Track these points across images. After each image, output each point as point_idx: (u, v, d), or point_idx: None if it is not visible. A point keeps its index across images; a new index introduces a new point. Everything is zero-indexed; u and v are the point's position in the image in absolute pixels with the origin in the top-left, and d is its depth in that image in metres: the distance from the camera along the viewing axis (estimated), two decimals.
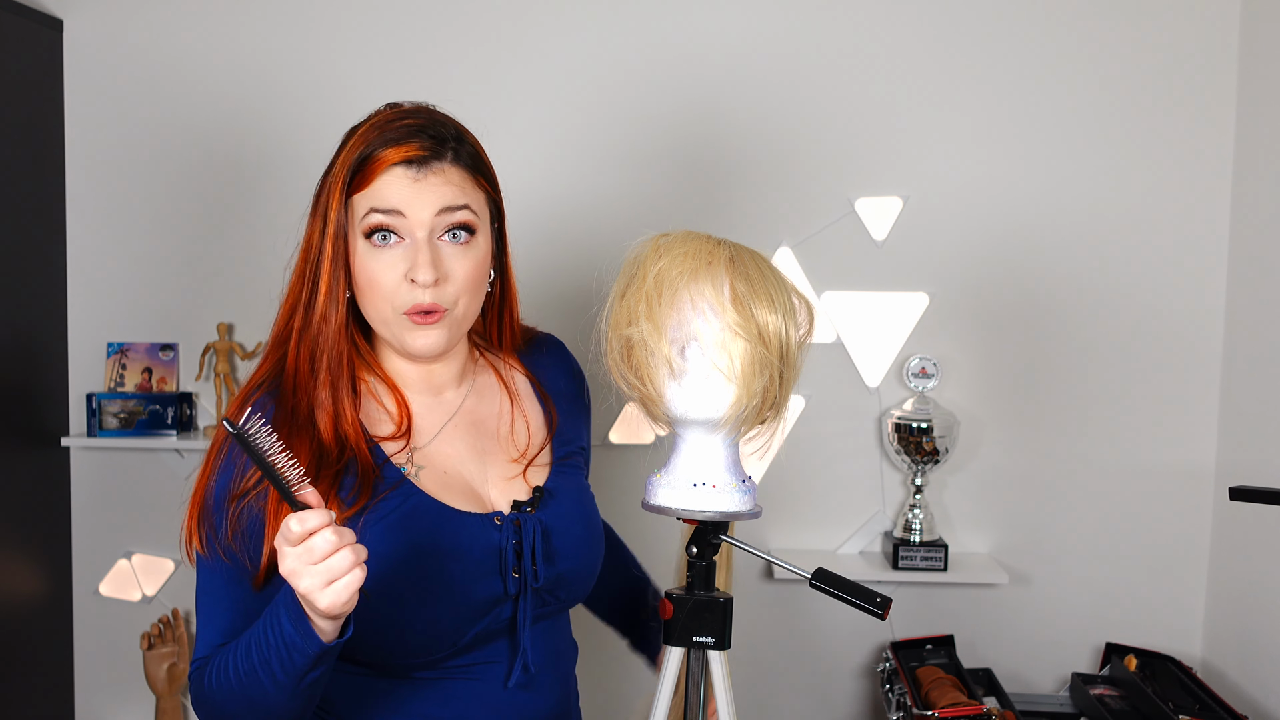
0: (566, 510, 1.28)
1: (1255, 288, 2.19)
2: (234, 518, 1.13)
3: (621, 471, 2.35)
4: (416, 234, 1.17)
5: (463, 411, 1.29)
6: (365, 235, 1.17)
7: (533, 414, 1.34)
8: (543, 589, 1.24)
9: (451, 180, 1.18)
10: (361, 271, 1.18)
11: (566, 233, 2.35)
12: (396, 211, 1.16)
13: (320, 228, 1.19)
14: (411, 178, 1.17)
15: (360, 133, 1.19)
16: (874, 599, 1.19)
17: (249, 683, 1.08)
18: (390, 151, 1.16)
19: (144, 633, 2.38)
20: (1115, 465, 2.32)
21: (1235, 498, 1.38)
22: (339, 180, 1.18)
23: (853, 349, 2.34)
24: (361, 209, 1.17)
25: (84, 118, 2.40)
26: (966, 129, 2.30)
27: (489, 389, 1.33)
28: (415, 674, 1.20)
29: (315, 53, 2.35)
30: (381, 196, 1.16)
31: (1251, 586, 2.17)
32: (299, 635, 1.04)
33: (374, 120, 1.20)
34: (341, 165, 1.18)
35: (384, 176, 1.16)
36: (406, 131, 1.17)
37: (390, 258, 1.17)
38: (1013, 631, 2.36)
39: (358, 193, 1.18)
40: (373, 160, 1.17)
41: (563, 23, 2.33)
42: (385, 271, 1.17)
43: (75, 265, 2.42)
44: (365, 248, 1.17)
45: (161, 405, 2.36)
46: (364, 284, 1.18)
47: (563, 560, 1.25)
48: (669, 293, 1.17)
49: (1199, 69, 2.26)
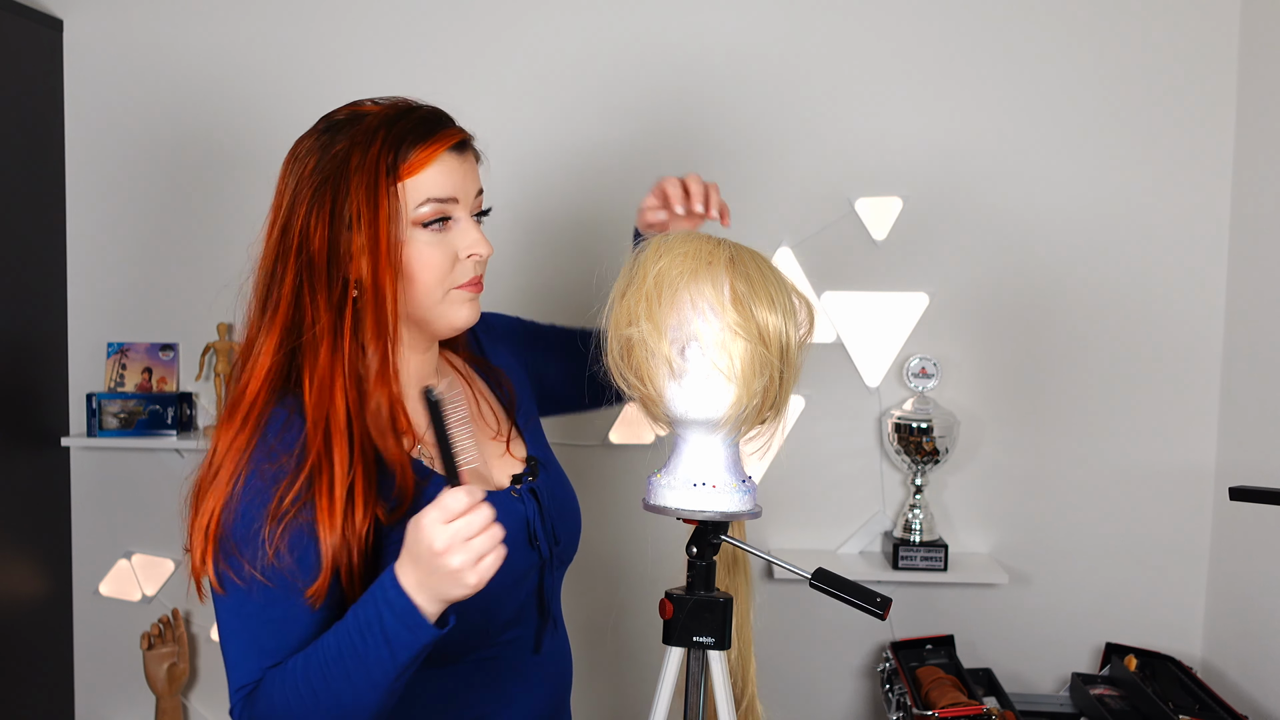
0: (555, 474, 1.35)
1: (1255, 288, 2.19)
2: (276, 538, 1.08)
3: (621, 471, 2.35)
4: (466, 215, 1.20)
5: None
6: (421, 225, 1.16)
7: (488, 393, 1.38)
8: (560, 551, 1.30)
9: (475, 162, 1.24)
10: (415, 259, 1.16)
11: (566, 233, 2.35)
12: (452, 199, 1.18)
13: (348, 228, 1.14)
14: (459, 161, 1.19)
15: (373, 128, 1.15)
16: (874, 599, 1.19)
17: (335, 689, 1.04)
18: (436, 140, 1.17)
19: (144, 633, 2.38)
20: (1115, 465, 2.33)
21: (1235, 498, 1.38)
22: (375, 176, 1.14)
23: (853, 349, 2.34)
24: (414, 199, 1.15)
25: (84, 118, 2.40)
26: (966, 129, 2.30)
27: (453, 378, 1.37)
28: (464, 658, 1.21)
29: (315, 52, 2.35)
30: (438, 185, 1.17)
31: (1251, 586, 2.17)
32: (406, 628, 1.02)
33: (380, 115, 1.17)
34: (369, 161, 1.14)
35: (435, 166, 1.17)
36: (435, 120, 1.20)
37: (443, 240, 1.18)
38: (1013, 631, 2.36)
39: (402, 182, 1.15)
40: (419, 151, 1.16)
41: (561, 20, 2.33)
42: (441, 255, 1.18)
43: (75, 265, 2.42)
44: (425, 237, 1.17)
45: (161, 405, 2.36)
46: (417, 271, 1.17)
47: (564, 520, 1.31)
48: (669, 293, 1.17)
49: (1199, 69, 2.26)
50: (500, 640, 1.23)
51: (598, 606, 2.37)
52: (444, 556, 1.00)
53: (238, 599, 1.10)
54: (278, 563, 1.09)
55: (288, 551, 1.09)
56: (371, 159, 1.14)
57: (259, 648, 1.10)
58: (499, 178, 2.33)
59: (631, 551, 2.37)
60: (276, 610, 1.10)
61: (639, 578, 2.36)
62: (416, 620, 1.03)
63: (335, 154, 1.15)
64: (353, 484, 1.11)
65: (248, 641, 1.10)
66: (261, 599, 1.09)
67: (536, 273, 2.36)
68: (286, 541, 1.09)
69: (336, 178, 1.14)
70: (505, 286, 2.36)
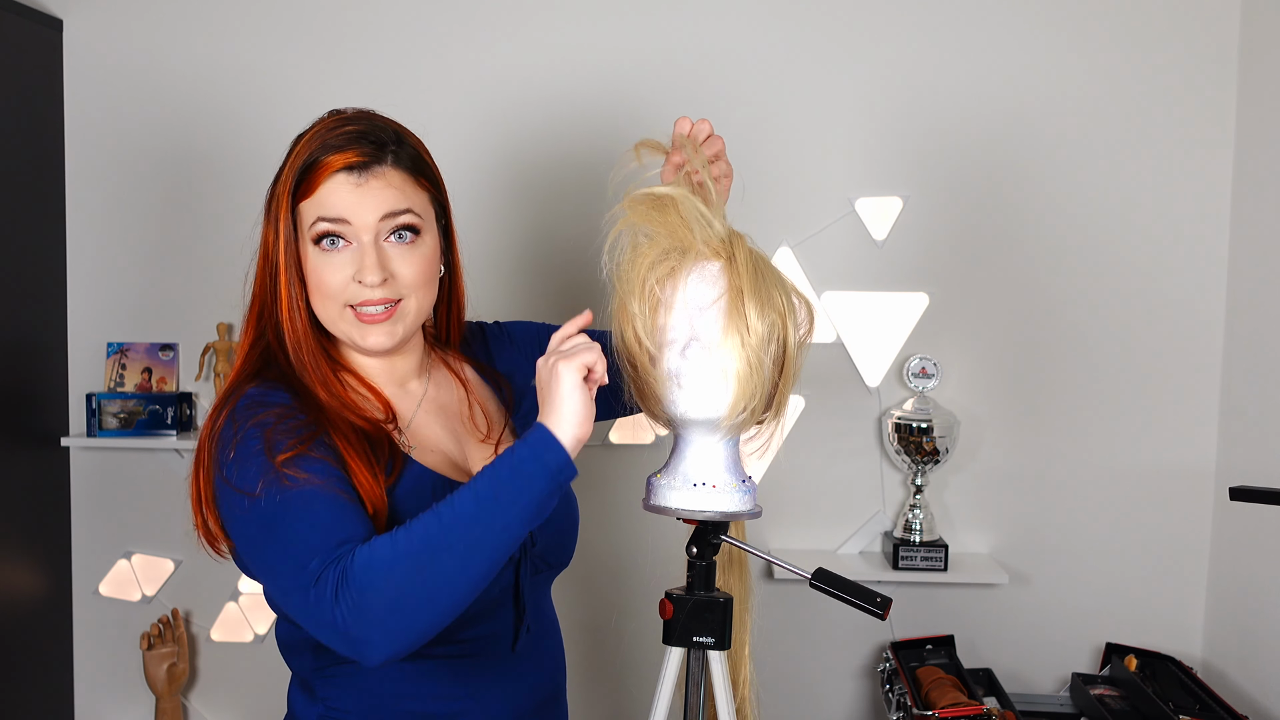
0: None
1: (1255, 288, 2.19)
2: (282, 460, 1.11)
3: (622, 471, 2.35)
4: (362, 238, 1.21)
5: (428, 400, 1.34)
6: (314, 241, 1.21)
7: (487, 399, 1.40)
8: (537, 553, 1.30)
9: (392, 184, 1.22)
10: (311, 275, 1.22)
11: (565, 233, 2.35)
12: (342, 219, 1.20)
13: (274, 234, 1.23)
14: (354, 184, 1.20)
15: (304, 140, 1.22)
16: (874, 599, 1.19)
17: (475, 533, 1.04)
18: (331, 159, 1.20)
19: (144, 633, 2.38)
20: (1115, 465, 2.32)
21: (1235, 498, 1.38)
22: (286, 188, 1.22)
23: (853, 349, 2.34)
24: (309, 217, 1.21)
25: (84, 118, 2.40)
26: (966, 129, 2.30)
27: (444, 380, 1.38)
28: (431, 654, 1.23)
29: (315, 52, 2.35)
30: (327, 205, 1.20)
31: (1251, 586, 2.17)
32: (546, 449, 1.06)
33: (316, 128, 1.23)
34: (288, 173, 1.22)
35: (327, 184, 1.20)
36: (346, 138, 1.21)
37: (339, 261, 1.21)
38: (1013, 631, 2.36)
39: (304, 200, 1.21)
40: (315, 168, 1.20)
41: (559, 21, 2.33)
42: (334, 274, 1.21)
43: (75, 265, 2.42)
44: (315, 253, 1.21)
45: (161, 405, 2.36)
46: (313, 287, 1.23)
47: (550, 524, 1.30)
48: (669, 292, 1.17)
49: (1199, 69, 2.26)
50: (466, 637, 1.24)
51: (598, 607, 2.37)
52: (577, 365, 1.09)
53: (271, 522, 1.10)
54: (291, 478, 1.10)
55: (302, 469, 1.11)
56: (287, 176, 1.22)
57: (323, 540, 1.08)
58: (499, 182, 2.34)
59: (631, 551, 2.37)
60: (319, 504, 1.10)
61: (639, 578, 2.36)
62: (552, 440, 1.07)
63: (280, 170, 1.25)
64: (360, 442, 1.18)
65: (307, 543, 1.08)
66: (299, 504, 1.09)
67: (535, 276, 2.36)
68: (299, 465, 1.12)
69: (275, 193, 1.24)
70: (504, 292, 2.37)
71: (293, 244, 1.22)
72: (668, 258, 1.17)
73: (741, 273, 1.16)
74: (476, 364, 1.43)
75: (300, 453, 1.13)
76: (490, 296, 2.05)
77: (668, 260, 1.17)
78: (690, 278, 1.17)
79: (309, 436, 1.15)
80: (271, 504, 1.10)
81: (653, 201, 1.19)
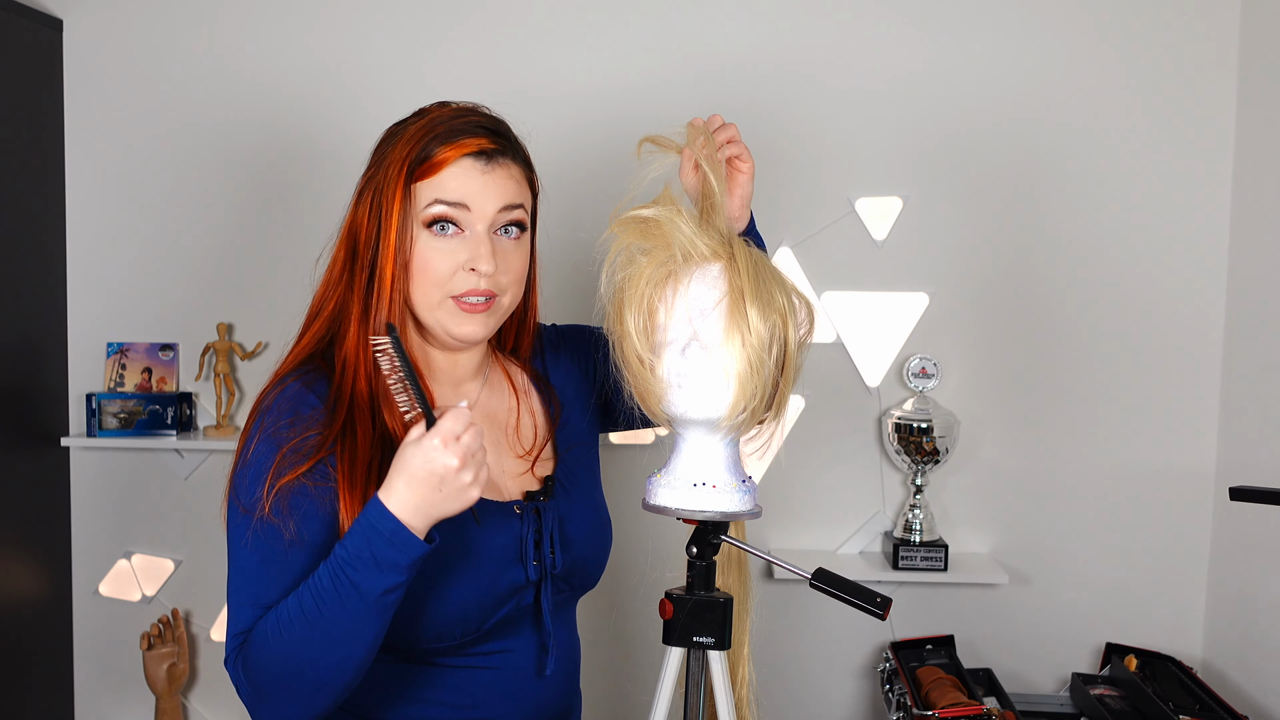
0: (577, 498, 1.33)
1: (1255, 288, 2.19)
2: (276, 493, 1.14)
3: (622, 471, 2.35)
4: (477, 227, 1.20)
5: (479, 404, 1.32)
6: (426, 225, 1.19)
7: (537, 410, 1.37)
8: (560, 576, 1.28)
9: (514, 176, 1.23)
10: (418, 258, 1.20)
11: (564, 234, 2.34)
12: (462, 205, 1.19)
13: (376, 217, 1.20)
14: (480, 170, 1.20)
15: (419, 126, 1.21)
16: (874, 599, 1.19)
17: (327, 621, 1.08)
18: (460, 144, 1.19)
19: (144, 633, 2.38)
20: (1115, 465, 2.32)
21: (1235, 498, 1.38)
22: (400, 172, 1.19)
23: (853, 349, 2.34)
24: (424, 199, 1.19)
25: (84, 118, 2.40)
26: (966, 129, 2.30)
27: (499, 385, 1.36)
28: (437, 660, 1.22)
29: (315, 52, 2.35)
30: (448, 188, 1.19)
31: (1251, 586, 2.17)
32: (395, 548, 1.07)
33: (430, 116, 1.22)
34: (402, 156, 1.19)
35: (452, 168, 1.19)
36: (473, 125, 1.21)
37: (450, 248, 1.20)
38: (1013, 631, 2.36)
39: (421, 180, 1.19)
40: (440, 152, 1.19)
41: (561, 24, 2.33)
42: (444, 260, 1.19)
43: (75, 265, 2.42)
44: (425, 237, 1.20)
45: (161, 405, 2.36)
46: (418, 270, 1.20)
47: (577, 547, 1.29)
48: (669, 293, 1.17)
49: (1199, 69, 2.26)
50: (475, 652, 1.23)
51: (598, 606, 2.37)
52: (460, 472, 1.07)
53: (241, 553, 1.15)
54: (275, 518, 1.14)
55: (289, 510, 1.14)
56: (399, 158, 1.19)
57: (255, 599, 1.14)
58: None
59: (631, 551, 2.37)
60: (276, 565, 1.14)
61: (639, 578, 2.36)
62: (407, 538, 1.07)
63: (383, 154, 1.22)
64: (372, 462, 1.17)
65: (246, 592, 1.15)
66: (263, 553, 1.14)
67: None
68: (288, 500, 1.14)
69: (379, 176, 1.21)
70: None
71: (404, 227, 1.19)
72: (666, 264, 1.18)
73: (742, 273, 1.16)
74: (533, 373, 1.40)
75: (299, 484, 1.14)
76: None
77: (666, 266, 1.18)
78: (691, 279, 1.17)
79: (318, 458, 1.15)
80: (249, 528, 1.15)
81: (639, 224, 1.20)
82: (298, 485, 1.14)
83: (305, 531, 1.14)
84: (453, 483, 1.07)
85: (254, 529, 1.14)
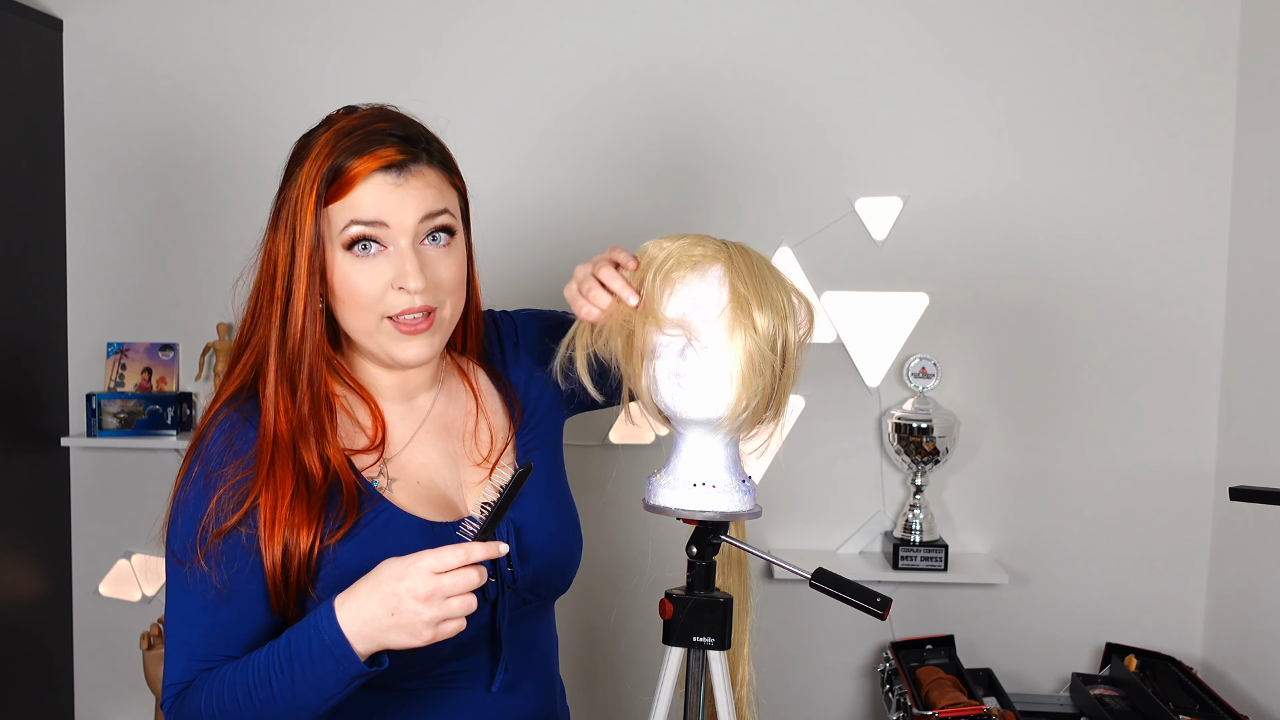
0: (537, 505, 1.27)
1: (1255, 288, 2.19)
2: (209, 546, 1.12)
3: (622, 471, 2.35)
4: (400, 242, 1.14)
5: (433, 416, 1.27)
6: (345, 247, 1.13)
7: (496, 412, 1.32)
8: (520, 588, 1.23)
9: (431, 183, 1.16)
10: (343, 284, 1.14)
11: (564, 234, 2.35)
12: (379, 222, 1.13)
13: (289, 241, 1.14)
14: (393, 184, 1.13)
15: (324, 140, 1.14)
16: (874, 599, 1.19)
17: (260, 709, 1.07)
18: (367, 160, 1.12)
19: (144, 633, 2.38)
20: (1115, 465, 2.32)
21: (1235, 498, 1.38)
22: (310, 191, 1.13)
23: (853, 349, 2.34)
24: (340, 220, 1.13)
25: (84, 118, 2.40)
26: (966, 129, 2.30)
27: (456, 391, 1.31)
28: (399, 685, 1.19)
29: (314, 52, 2.35)
30: (361, 207, 1.12)
31: (1251, 586, 2.17)
32: (334, 660, 1.04)
33: (337, 127, 1.15)
34: (310, 176, 1.13)
35: (363, 186, 1.12)
36: (380, 136, 1.13)
37: (374, 267, 1.14)
38: (1013, 631, 2.36)
39: (333, 203, 1.13)
40: (348, 169, 1.12)
41: (559, 19, 2.33)
42: (370, 282, 1.14)
43: (75, 265, 2.42)
44: (346, 259, 1.14)
45: (161, 405, 2.36)
46: (346, 296, 1.15)
47: (537, 557, 1.24)
48: (668, 294, 1.17)
49: (1199, 69, 2.26)
50: (437, 674, 1.20)
51: (598, 607, 2.37)
52: (419, 603, 1.01)
53: (176, 600, 1.14)
54: (208, 569, 1.11)
55: (224, 562, 1.12)
56: (310, 177, 1.13)
57: (190, 650, 1.13)
58: (496, 184, 2.34)
59: (631, 551, 2.37)
60: (209, 617, 1.12)
61: (639, 578, 2.36)
62: (346, 654, 1.04)
63: (293, 172, 1.17)
64: (295, 500, 1.12)
65: (182, 642, 1.13)
66: (197, 603, 1.13)
67: (532, 276, 2.36)
68: (221, 550, 1.12)
69: (291, 195, 1.15)
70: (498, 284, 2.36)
71: (319, 251, 1.13)
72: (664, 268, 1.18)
73: (743, 274, 1.16)
74: (490, 370, 1.34)
75: (232, 532, 1.12)
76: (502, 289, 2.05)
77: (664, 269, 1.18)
78: (691, 279, 1.17)
79: (248, 506, 1.12)
80: (184, 578, 1.13)
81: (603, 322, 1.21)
82: (229, 534, 1.12)
83: (237, 581, 1.12)
84: (408, 612, 1.01)
85: (186, 576, 1.13)
